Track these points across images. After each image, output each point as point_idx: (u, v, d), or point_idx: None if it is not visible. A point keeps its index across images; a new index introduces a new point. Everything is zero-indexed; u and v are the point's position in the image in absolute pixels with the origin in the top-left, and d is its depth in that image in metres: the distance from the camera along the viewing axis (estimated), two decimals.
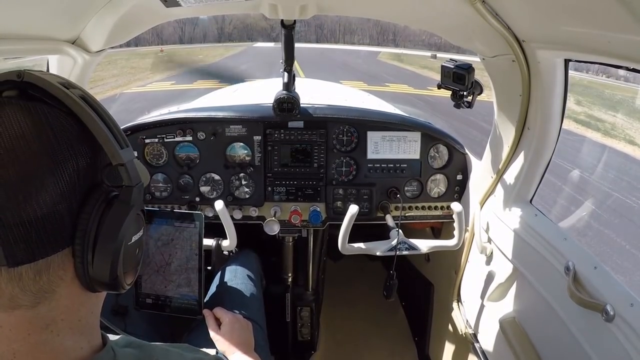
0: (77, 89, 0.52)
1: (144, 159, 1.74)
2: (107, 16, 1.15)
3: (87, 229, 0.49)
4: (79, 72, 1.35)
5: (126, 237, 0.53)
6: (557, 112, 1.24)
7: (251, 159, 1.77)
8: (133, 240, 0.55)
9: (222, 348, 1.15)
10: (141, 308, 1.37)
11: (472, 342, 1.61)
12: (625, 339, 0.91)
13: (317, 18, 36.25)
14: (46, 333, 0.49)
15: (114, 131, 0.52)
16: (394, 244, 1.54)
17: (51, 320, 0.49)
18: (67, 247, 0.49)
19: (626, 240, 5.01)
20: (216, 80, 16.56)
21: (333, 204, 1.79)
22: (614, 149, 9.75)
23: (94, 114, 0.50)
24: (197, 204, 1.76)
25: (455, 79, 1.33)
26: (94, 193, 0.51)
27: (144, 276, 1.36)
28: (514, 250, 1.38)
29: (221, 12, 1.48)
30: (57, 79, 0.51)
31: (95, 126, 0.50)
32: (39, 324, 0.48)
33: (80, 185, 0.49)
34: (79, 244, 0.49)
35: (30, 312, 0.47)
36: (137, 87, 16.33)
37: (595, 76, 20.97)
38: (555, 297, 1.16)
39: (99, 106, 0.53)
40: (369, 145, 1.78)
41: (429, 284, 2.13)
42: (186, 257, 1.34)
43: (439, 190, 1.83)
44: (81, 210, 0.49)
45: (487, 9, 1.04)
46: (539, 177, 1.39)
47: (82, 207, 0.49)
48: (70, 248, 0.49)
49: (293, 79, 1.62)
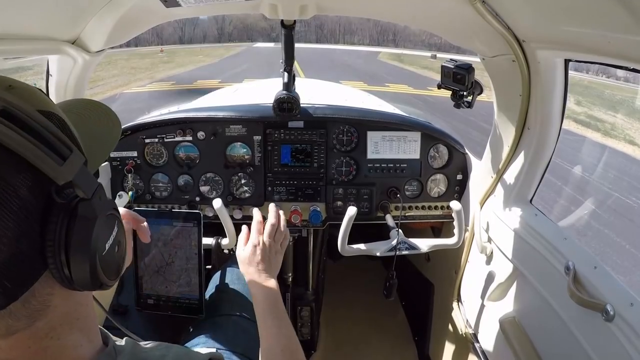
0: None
1: (144, 158, 1.74)
2: (107, 16, 1.15)
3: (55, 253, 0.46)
4: (78, 72, 1.35)
5: (99, 247, 0.50)
6: (557, 112, 1.24)
7: (251, 158, 1.77)
8: (107, 248, 0.52)
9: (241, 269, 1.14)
10: (142, 309, 1.37)
11: (472, 342, 1.61)
12: (625, 338, 0.91)
13: (317, 18, 36.27)
14: (47, 340, 0.48)
15: (50, 141, 0.45)
16: (394, 244, 1.54)
17: (50, 329, 0.49)
18: (44, 270, 0.46)
19: (626, 240, 5.01)
20: (216, 80, 16.56)
21: (333, 203, 1.79)
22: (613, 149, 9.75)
23: (16, 133, 0.42)
24: (197, 204, 1.76)
25: (455, 79, 1.33)
26: (51, 215, 0.45)
27: (144, 276, 1.36)
28: (514, 250, 1.38)
29: (221, 12, 1.48)
30: None
31: (23, 148, 0.42)
32: (39, 335, 0.48)
33: (32, 216, 0.44)
34: (54, 268, 0.46)
35: (28, 331, 0.47)
36: (137, 87, 16.33)
37: (595, 76, 20.98)
38: (556, 296, 1.16)
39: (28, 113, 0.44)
40: (369, 145, 1.78)
41: (429, 283, 2.13)
42: (186, 256, 1.34)
43: (439, 190, 1.83)
44: (44, 238, 0.45)
45: (487, 9, 1.04)
46: (539, 177, 1.39)
47: (45, 235, 0.45)
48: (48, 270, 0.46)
49: (293, 79, 1.62)
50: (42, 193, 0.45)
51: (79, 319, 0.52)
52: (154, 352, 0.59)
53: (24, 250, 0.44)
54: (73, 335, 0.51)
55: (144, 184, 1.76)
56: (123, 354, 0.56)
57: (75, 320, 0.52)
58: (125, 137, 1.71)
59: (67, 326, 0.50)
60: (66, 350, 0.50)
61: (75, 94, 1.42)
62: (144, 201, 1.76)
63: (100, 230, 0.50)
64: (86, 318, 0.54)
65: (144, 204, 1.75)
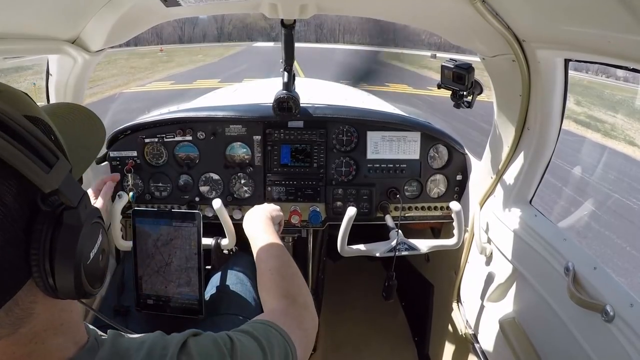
0: None
1: (143, 158, 1.73)
2: (107, 16, 1.15)
3: (40, 262, 0.45)
4: (78, 72, 1.35)
5: (84, 256, 0.49)
6: (557, 112, 1.24)
7: (251, 158, 1.77)
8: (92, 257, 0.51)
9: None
10: (143, 309, 1.37)
11: (472, 343, 1.61)
12: (625, 339, 0.91)
13: (317, 17, 36.14)
14: (31, 345, 0.48)
15: (36, 147, 0.44)
16: (394, 244, 1.54)
17: (34, 335, 0.48)
18: (28, 279, 0.46)
19: (627, 242, 5.01)
20: (216, 80, 16.55)
21: (333, 204, 1.78)
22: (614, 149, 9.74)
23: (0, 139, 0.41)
24: (196, 204, 1.76)
25: (455, 79, 1.33)
26: (36, 223, 0.45)
27: (144, 277, 1.36)
28: (514, 251, 1.38)
29: (221, 12, 1.48)
30: None
31: (8, 154, 0.41)
32: (23, 341, 0.47)
33: (17, 224, 0.43)
34: (38, 277, 0.46)
35: (12, 337, 0.46)
36: (136, 86, 16.31)
37: (595, 76, 20.98)
38: (555, 297, 1.16)
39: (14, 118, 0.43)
40: (369, 145, 1.77)
41: (429, 284, 2.13)
42: (186, 256, 1.34)
43: (438, 190, 1.83)
44: (29, 246, 0.44)
45: (487, 8, 1.04)
46: (538, 177, 1.39)
47: (29, 242, 0.44)
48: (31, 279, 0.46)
49: (293, 79, 1.62)
50: (27, 201, 0.44)
51: (62, 324, 0.52)
52: (135, 340, 0.59)
53: (8, 258, 0.43)
54: (58, 339, 0.51)
55: (143, 184, 1.75)
56: (105, 344, 0.55)
57: (59, 326, 0.51)
58: (125, 136, 1.71)
59: (51, 331, 0.50)
60: (51, 353, 0.50)
61: (75, 93, 1.42)
62: (144, 201, 1.76)
63: (86, 239, 0.49)
64: (70, 322, 0.53)
65: (144, 204, 1.75)
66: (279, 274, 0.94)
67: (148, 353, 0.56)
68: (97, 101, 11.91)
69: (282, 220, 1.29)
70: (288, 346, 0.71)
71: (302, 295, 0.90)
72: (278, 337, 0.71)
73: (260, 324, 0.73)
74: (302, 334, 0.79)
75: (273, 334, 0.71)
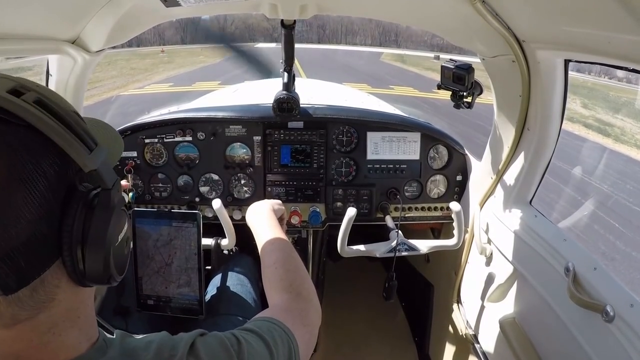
0: (33, 90, 0.47)
1: (143, 158, 1.74)
2: (107, 16, 1.15)
3: (72, 240, 0.48)
4: (78, 72, 1.35)
5: (113, 238, 0.51)
6: (557, 113, 1.24)
7: (251, 159, 1.77)
8: (120, 240, 0.54)
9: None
10: (143, 309, 1.37)
11: (472, 343, 1.61)
12: (625, 339, 0.90)
13: (319, 18, 35.92)
14: (48, 335, 0.49)
15: (79, 132, 0.48)
16: (394, 245, 1.54)
17: (53, 324, 0.49)
18: (57, 259, 0.48)
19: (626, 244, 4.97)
20: (216, 82, 16.51)
21: (333, 204, 1.78)
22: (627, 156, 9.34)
23: (52, 120, 0.46)
24: (196, 204, 1.76)
25: (455, 80, 1.33)
26: (72, 202, 0.48)
27: (144, 277, 1.36)
28: (514, 251, 1.38)
29: (221, 12, 1.48)
30: (6, 85, 0.46)
31: (56, 134, 0.46)
32: (41, 329, 0.48)
33: (55, 199, 0.46)
34: (67, 256, 0.48)
35: (32, 322, 0.47)
36: (134, 89, 16.20)
37: (598, 78, 20.91)
38: (555, 298, 1.15)
39: (60, 106, 0.48)
40: (369, 146, 1.77)
41: (429, 284, 2.12)
42: (185, 257, 1.34)
43: (438, 191, 1.83)
44: (63, 223, 0.47)
45: (487, 9, 1.04)
46: (538, 178, 1.39)
47: (64, 219, 0.47)
48: (60, 259, 0.48)
49: (293, 79, 1.62)
50: (66, 180, 0.48)
51: (79, 317, 0.53)
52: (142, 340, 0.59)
53: (43, 233, 0.45)
54: (73, 333, 0.52)
55: (143, 184, 1.75)
56: (113, 345, 0.56)
57: (77, 319, 0.52)
58: (125, 137, 1.71)
59: (68, 323, 0.51)
60: (65, 348, 0.51)
61: (75, 93, 1.42)
62: (144, 201, 1.76)
63: (116, 222, 0.52)
64: (86, 316, 0.54)
65: (144, 204, 1.75)
66: (283, 266, 0.95)
67: (156, 354, 0.57)
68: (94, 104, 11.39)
69: (284, 214, 1.29)
70: (291, 343, 0.71)
71: (306, 288, 0.90)
72: (282, 334, 0.71)
73: (263, 322, 0.73)
74: (305, 330, 0.79)
75: (277, 331, 0.71)
